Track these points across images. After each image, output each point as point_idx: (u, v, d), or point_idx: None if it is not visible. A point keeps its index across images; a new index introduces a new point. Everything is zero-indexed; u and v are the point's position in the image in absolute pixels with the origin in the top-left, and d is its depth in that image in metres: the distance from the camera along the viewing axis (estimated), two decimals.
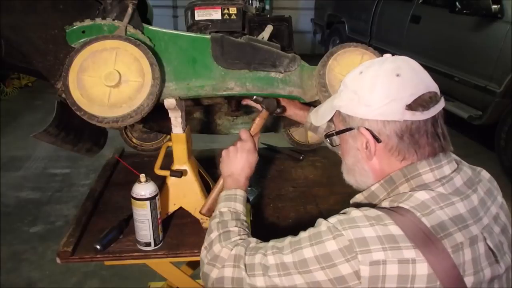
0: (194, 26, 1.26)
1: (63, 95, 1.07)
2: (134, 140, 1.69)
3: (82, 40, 1.11)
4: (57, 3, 1.10)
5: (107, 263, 1.19)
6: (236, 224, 0.96)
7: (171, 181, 1.25)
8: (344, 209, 0.81)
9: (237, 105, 1.40)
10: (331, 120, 0.91)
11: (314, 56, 2.05)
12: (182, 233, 1.26)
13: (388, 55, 0.87)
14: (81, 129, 1.31)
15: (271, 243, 0.85)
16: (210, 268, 0.89)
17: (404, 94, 0.77)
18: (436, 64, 4.17)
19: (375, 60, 0.87)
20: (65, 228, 1.44)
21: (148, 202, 1.12)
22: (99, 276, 2.41)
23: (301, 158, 1.75)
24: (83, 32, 1.11)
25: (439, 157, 0.80)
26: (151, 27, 1.16)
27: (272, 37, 1.27)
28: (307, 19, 7.58)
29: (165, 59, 1.14)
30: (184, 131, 1.22)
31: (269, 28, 1.26)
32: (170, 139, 1.24)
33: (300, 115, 1.30)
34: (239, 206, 1.02)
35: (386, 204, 0.78)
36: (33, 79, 5.52)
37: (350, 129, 0.84)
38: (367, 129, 0.81)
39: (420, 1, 4.59)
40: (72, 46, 1.11)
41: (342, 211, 0.80)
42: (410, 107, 0.77)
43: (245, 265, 0.83)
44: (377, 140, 0.81)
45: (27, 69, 1.21)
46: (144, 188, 1.12)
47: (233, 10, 1.24)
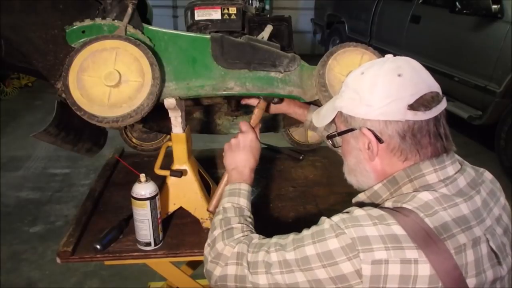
0: (194, 26, 1.25)
1: (63, 95, 1.07)
2: (134, 140, 1.69)
3: (82, 40, 1.10)
4: (57, 3, 1.10)
5: (107, 263, 1.19)
6: (239, 220, 0.96)
7: (171, 181, 1.25)
8: (345, 208, 0.81)
9: (237, 105, 1.40)
10: (333, 121, 0.91)
11: (314, 56, 2.05)
12: (182, 233, 1.26)
13: (390, 56, 0.86)
14: (81, 129, 1.31)
15: (274, 240, 0.85)
16: (214, 266, 0.89)
17: (406, 94, 0.77)
18: (436, 64, 4.17)
19: (376, 60, 0.87)
20: (65, 228, 1.44)
21: (148, 202, 1.12)
22: (99, 276, 2.41)
23: (301, 158, 1.75)
24: (83, 32, 1.11)
25: (442, 157, 0.80)
26: (151, 27, 1.16)
27: (272, 37, 1.27)
28: (307, 19, 7.58)
29: (165, 59, 1.14)
30: (184, 131, 1.22)
31: (269, 28, 1.26)
32: (170, 139, 1.24)
33: (299, 113, 1.30)
34: (243, 201, 1.02)
35: (389, 204, 0.78)
36: (33, 79, 5.52)
37: (352, 129, 0.84)
38: (369, 129, 0.81)
39: (420, 1, 4.59)
40: (72, 46, 1.11)
41: (345, 210, 0.80)
42: (412, 107, 0.77)
43: (248, 262, 0.84)
44: (379, 140, 0.80)
45: (27, 69, 1.21)
46: (144, 188, 1.12)
47: (233, 10, 1.24)
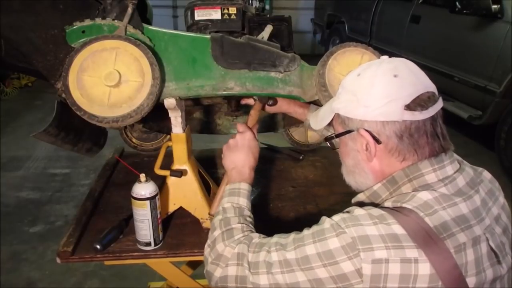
0: (194, 26, 1.26)
1: (63, 95, 1.07)
2: (134, 140, 1.69)
3: (82, 40, 1.10)
4: (57, 3, 1.10)
5: (107, 263, 1.19)
6: (239, 220, 0.95)
7: (171, 181, 1.25)
8: (346, 208, 0.81)
9: (237, 105, 1.40)
10: (331, 123, 0.91)
11: (314, 56, 2.05)
12: (182, 233, 1.26)
13: (385, 57, 0.87)
14: (81, 129, 1.31)
15: (275, 239, 0.85)
16: (214, 267, 0.89)
17: (402, 94, 0.77)
18: (436, 64, 4.18)
19: (372, 62, 0.87)
20: (65, 228, 1.44)
21: (148, 202, 1.12)
22: (99, 276, 2.41)
23: (301, 158, 1.75)
24: (83, 32, 1.11)
25: (441, 157, 0.80)
26: (151, 27, 1.16)
27: (272, 37, 1.27)
28: (307, 19, 7.58)
29: (165, 59, 1.14)
30: (184, 131, 1.22)
31: (269, 28, 1.26)
32: (170, 139, 1.24)
33: (299, 112, 1.30)
34: (243, 201, 1.02)
35: (389, 204, 0.78)
36: (33, 79, 5.52)
37: (349, 131, 0.84)
38: (366, 130, 0.81)
39: (420, 1, 4.59)
40: (72, 46, 1.11)
41: (345, 210, 0.80)
42: (409, 107, 0.77)
43: (248, 263, 0.83)
44: (377, 141, 0.81)
45: (27, 69, 1.21)
46: (144, 188, 1.12)
47: (232, 10, 1.24)
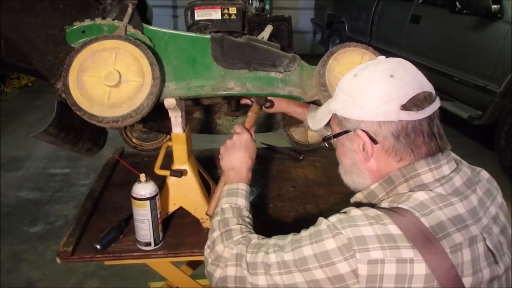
0: (194, 26, 1.26)
1: (63, 95, 1.07)
2: (134, 140, 1.69)
3: (82, 40, 1.10)
4: (57, 3, 1.10)
5: (107, 263, 1.19)
6: (237, 221, 0.96)
7: (171, 181, 1.25)
8: (345, 208, 0.82)
9: (237, 105, 1.40)
10: (328, 124, 0.91)
11: (314, 56, 2.05)
12: (182, 233, 1.26)
13: (382, 57, 0.88)
14: (81, 129, 1.31)
15: (273, 240, 0.86)
16: (214, 268, 0.90)
17: (399, 94, 0.78)
18: (436, 64, 4.18)
19: (368, 62, 0.87)
20: (65, 228, 1.44)
21: (148, 202, 1.12)
22: (99, 276, 2.41)
23: (301, 158, 1.75)
24: (83, 32, 1.11)
25: (437, 157, 0.80)
26: (151, 27, 1.16)
27: (272, 37, 1.27)
28: (307, 19, 7.58)
29: (165, 59, 1.14)
30: (184, 131, 1.22)
31: (269, 28, 1.26)
32: (170, 139, 1.24)
33: (299, 112, 1.30)
34: (241, 201, 1.02)
35: (385, 204, 0.79)
36: (33, 79, 5.52)
37: (346, 131, 0.85)
38: (363, 130, 0.81)
39: (420, 1, 4.59)
40: (72, 46, 1.11)
41: (342, 210, 0.81)
42: (405, 107, 0.77)
43: (247, 263, 0.84)
44: (373, 141, 0.81)
45: (27, 69, 1.21)
46: (144, 188, 1.12)
47: (233, 10, 1.24)
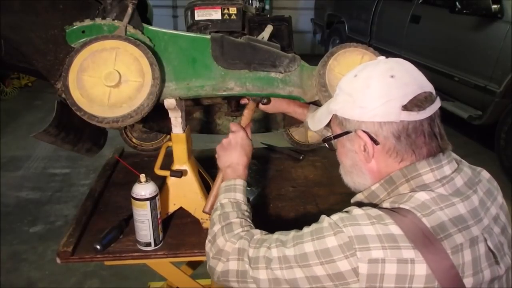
0: (194, 26, 1.25)
1: (63, 95, 1.07)
2: (134, 140, 1.69)
3: (82, 40, 1.10)
4: (57, 3, 1.10)
5: (107, 263, 1.19)
6: (237, 215, 0.97)
7: (171, 181, 1.25)
8: (345, 208, 0.82)
9: (236, 105, 1.40)
10: (328, 125, 0.91)
11: (314, 56, 2.05)
12: (182, 233, 1.26)
13: (382, 58, 0.88)
14: (81, 129, 1.31)
15: (276, 236, 0.86)
16: (216, 262, 0.91)
17: (399, 94, 0.78)
18: (436, 64, 4.18)
19: (369, 62, 0.88)
20: (65, 228, 1.44)
21: (148, 202, 1.12)
22: (99, 276, 2.41)
23: (301, 158, 1.75)
24: (83, 32, 1.11)
25: (439, 157, 0.80)
26: (151, 27, 1.16)
27: (272, 37, 1.27)
28: (307, 19, 7.58)
29: (165, 59, 1.14)
30: (184, 131, 1.22)
31: (269, 28, 1.26)
32: (170, 139, 1.24)
33: (299, 112, 1.30)
34: (239, 196, 1.03)
35: (387, 205, 0.79)
36: (33, 79, 5.52)
37: (347, 132, 0.85)
38: (364, 131, 0.81)
39: (420, 1, 4.59)
40: (72, 46, 1.11)
41: (345, 209, 0.81)
42: (406, 108, 0.77)
43: (249, 258, 0.85)
44: (374, 142, 0.81)
45: (27, 69, 1.21)
46: (144, 188, 1.12)
47: (233, 10, 1.24)
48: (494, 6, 3.51)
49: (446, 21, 4.10)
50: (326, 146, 0.93)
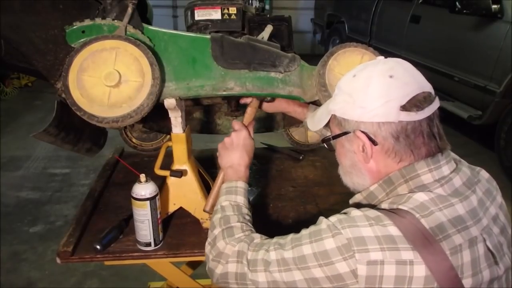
0: (194, 26, 1.25)
1: (63, 95, 1.07)
2: (134, 140, 1.69)
3: (82, 40, 1.10)
4: (57, 3, 1.10)
5: (107, 263, 1.19)
6: (238, 219, 0.97)
7: (171, 181, 1.25)
8: (345, 208, 0.82)
9: (237, 105, 1.40)
10: (327, 125, 0.91)
11: (314, 56, 2.05)
12: (182, 233, 1.26)
13: (381, 58, 0.88)
14: (81, 129, 1.31)
15: (275, 240, 0.86)
16: (215, 264, 0.91)
17: (398, 95, 0.78)
18: (436, 64, 4.18)
19: (368, 62, 0.87)
20: (65, 228, 1.44)
21: (148, 202, 1.12)
22: (99, 276, 2.41)
23: (301, 158, 1.75)
24: (83, 32, 1.11)
25: (437, 157, 0.80)
26: (151, 27, 1.16)
27: (272, 37, 1.27)
28: (307, 19, 7.58)
29: (165, 59, 1.14)
30: (184, 131, 1.22)
31: (269, 28, 1.26)
32: (170, 139, 1.24)
33: (299, 112, 1.30)
34: (240, 199, 1.03)
35: (385, 205, 0.78)
36: (33, 79, 5.52)
37: (346, 133, 0.85)
38: (362, 131, 0.81)
39: (420, 1, 4.59)
40: (72, 46, 1.11)
41: (343, 211, 0.81)
42: (405, 108, 0.77)
43: (247, 260, 0.85)
44: (373, 142, 0.81)
45: (27, 69, 1.21)
46: (144, 188, 1.12)
47: (233, 10, 1.24)
48: (494, 6, 3.51)
49: (446, 21, 4.10)
50: (325, 146, 0.93)
